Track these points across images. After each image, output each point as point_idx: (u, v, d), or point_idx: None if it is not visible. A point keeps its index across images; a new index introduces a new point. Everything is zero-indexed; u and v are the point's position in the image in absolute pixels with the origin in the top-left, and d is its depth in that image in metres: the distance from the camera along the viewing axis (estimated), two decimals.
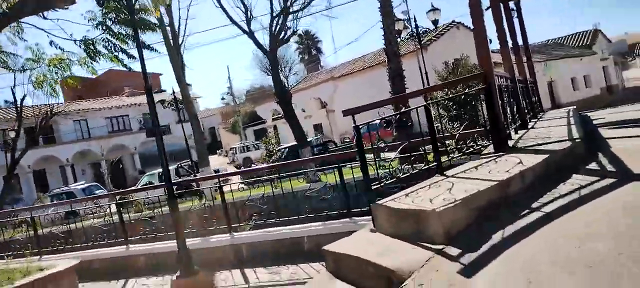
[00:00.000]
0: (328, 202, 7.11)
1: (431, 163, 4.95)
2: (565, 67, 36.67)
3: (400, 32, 21.22)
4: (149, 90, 6.40)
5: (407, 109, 6.04)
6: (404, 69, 18.25)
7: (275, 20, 19.81)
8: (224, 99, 69.36)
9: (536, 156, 4.49)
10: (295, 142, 21.69)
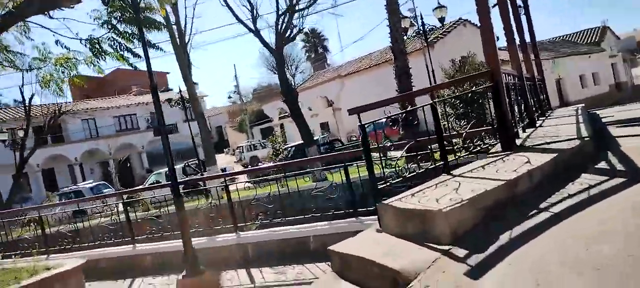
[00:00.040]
0: (334, 201, 7.08)
1: (438, 163, 4.91)
2: (573, 65, 36.40)
3: (407, 29, 21.11)
4: (154, 88, 6.41)
5: (414, 107, 6.00)
6: (410, 66, 18.14)
7: (281, 18, 19.81)
8: (230, 97, 69.52)
9: (544, 155, 4.44)
10: (302, 141, 21.67)
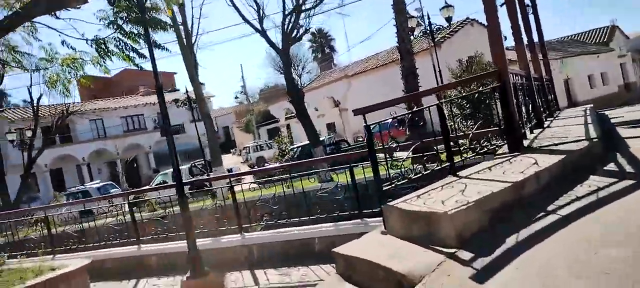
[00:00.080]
0: (339, 202, 7.05)
1: (444, 164, 4.85)
2: (581, 65, 36.12)
3: (413, 29, 21.01)
4: (159, 89, 6.42)
5: (420, 108, 5.95)
6: (417, 67, 18.06)
7: (288, 18, 19.80)
8: (237, 97, 69.61)
9: (552, 156, 4.38)
10: (308, 141, 21.64)
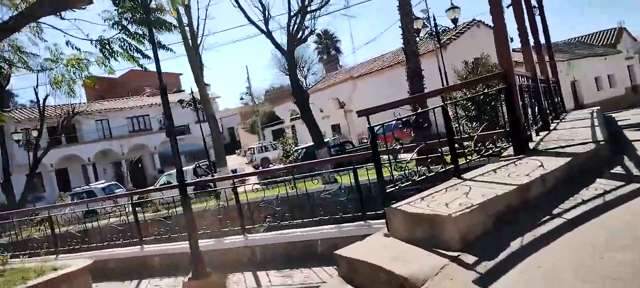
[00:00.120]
0: (342, 204, 7.01)
1: (448, 166, 4.80)
2: (588, 67, 35.89)
3: (419, 31, 20.92)
4: (163, 89, 6.41)
5: (424, 109, 5.91)
6: (422, 68, 17.97)
7: (293, 19, 19.77)
8: (242, 98, 69.68)
9: (558, 159, 4.32)
10: (312, 143, 21.60)
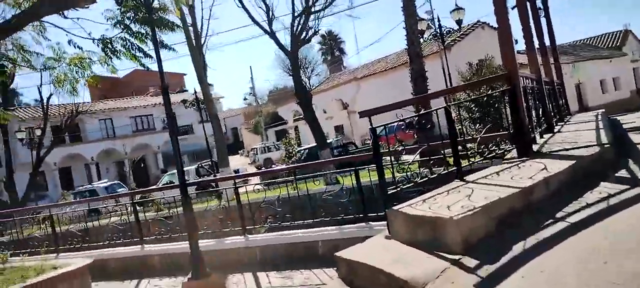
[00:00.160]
0: (344, 205, 6.96)
1: (451, 168, 4.76)
2: (593, 69, 35.71)
3: (423, 32, 20.87)
4: (165, 89, 6.38)
5: (427, 110, 5.85)
6: (426, 70, 17.90)
7: (297, 20, 19.76)
8: (246, 99, 69.77)
9: (562, 162, 4.27)
10: (315, 144, 21.56)
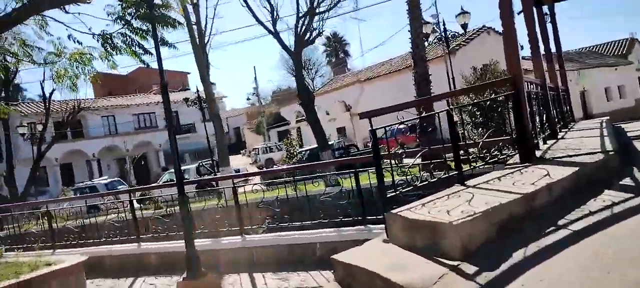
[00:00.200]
0: (343, 207, 6.89)
1: (452, 172, 4.68)
2: (599, 77, 35.57)
3: (428, 35, 20.81)
4: (164, 87, 6.32)
5: (428, 113, 5.79)
6: (430, 73, 17.82)
7: (301, 20, 19.68)
8: (249, 99, 69.73)
9: (565, 168, 4.19)
10: (317, 145, 21.48)
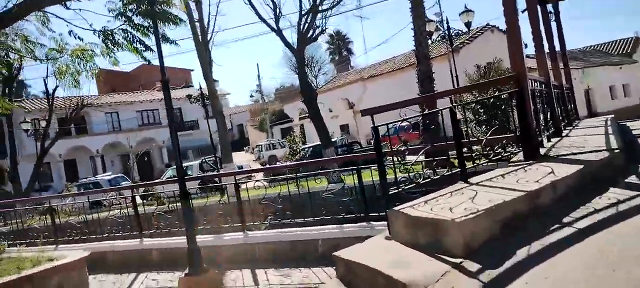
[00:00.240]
0: (345, 204, 6.86)
1: (455, 169, 4.64)
2: (603, 75, 35.45)
3: (432, 33, 20.74)
4: (165, 83, 6.30)
5: (431, 111, 5.74)
6: (434, 71, 17.76)
7: (304, 18, 19.66)
8: (252, 96, 69.73)
9: (570, 166, 4.15)
10: (320, 142, 21.49)
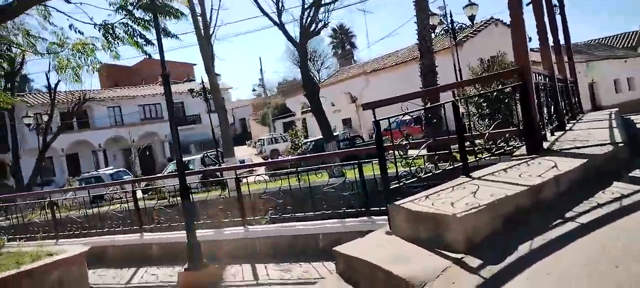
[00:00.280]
0: (346, 198, 6.82)
1: (457, 163, 4.59)
2: (608, 69, 35.27)
3: (435, 27, 20.63)
4: (165, 77, 6.27)
5: (433, 105, 5.69)
6: (437, 65, 17.68)
7: (307, 12, 19.54)
8: (255, 90, 69.71)
9: (573, 160, 4.09)
10: (322, 136, 21.43)
